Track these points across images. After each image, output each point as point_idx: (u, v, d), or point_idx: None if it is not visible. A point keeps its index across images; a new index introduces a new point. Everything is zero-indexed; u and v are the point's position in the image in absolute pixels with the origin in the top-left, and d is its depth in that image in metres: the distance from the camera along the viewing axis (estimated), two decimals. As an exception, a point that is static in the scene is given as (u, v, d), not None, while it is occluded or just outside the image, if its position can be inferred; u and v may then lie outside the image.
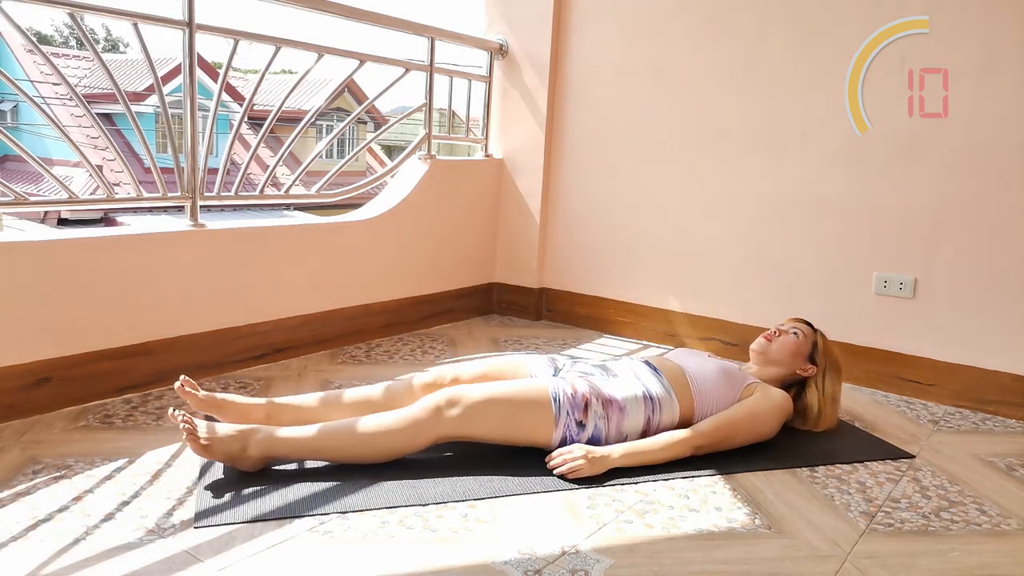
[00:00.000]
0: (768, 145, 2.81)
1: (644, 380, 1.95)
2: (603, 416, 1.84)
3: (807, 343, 2.14)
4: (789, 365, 2.13)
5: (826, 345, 2.16)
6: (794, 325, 2.18)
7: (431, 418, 1.73)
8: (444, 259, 3.23)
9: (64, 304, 2.02)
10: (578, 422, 1.81)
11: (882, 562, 1.49)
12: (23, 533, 1.41)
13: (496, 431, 1.79)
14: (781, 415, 2.01)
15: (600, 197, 3.25)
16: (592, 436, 1.84)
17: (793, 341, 2.13)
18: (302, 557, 1.39)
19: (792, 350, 2.12)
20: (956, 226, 2.49)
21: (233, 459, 1.65)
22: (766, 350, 2.14)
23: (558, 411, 1.80)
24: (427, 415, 1.73)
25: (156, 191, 2.24)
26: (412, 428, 1.72)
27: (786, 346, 2.12)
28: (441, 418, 1.73)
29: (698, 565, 1.44)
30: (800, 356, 2.13)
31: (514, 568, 1.39)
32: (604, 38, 3.15)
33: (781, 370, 2.13)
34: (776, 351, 2.13)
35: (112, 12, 2.03)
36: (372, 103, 3.11)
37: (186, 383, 1.79)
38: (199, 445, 1.62)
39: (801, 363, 2.13)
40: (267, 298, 2.53)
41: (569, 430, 1.81)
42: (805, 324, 2.20)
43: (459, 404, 1.74)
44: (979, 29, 2.40)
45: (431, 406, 1.74)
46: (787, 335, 2.14)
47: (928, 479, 1.91)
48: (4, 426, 1.90)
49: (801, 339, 2.14)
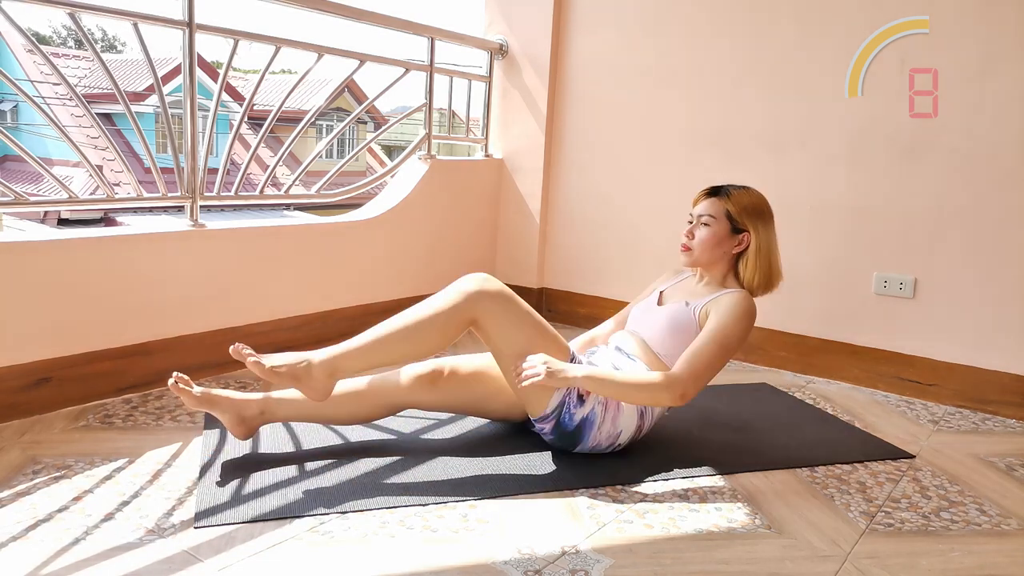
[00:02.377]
0: (768, 145, 2.81)
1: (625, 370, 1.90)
2: (602, 403, 1.81)
3: (722, 222, 1.93)
4: (721, 256, 1.95)
5: (740, 204, 1.94)
6: (701, 211, 1.96)
7: (475, 288, 1.77)
8: (444, 259, 3.23)
9: (64, 304, 2.02)
10: (580, 395, 1.80)
11: (882, 562, 1.49)
12: (23, 533, 1.41)
13: (517, 343, 1.78)
14: (746, 319, 1.85)
15: (600, 197, 3.25)
16: (587, 417, 1.80)
17: (708, 233, 1.93)
18: (302, 557, 1.39)
19: (712, 242, 1.93)
20: (956, 226, 2.49)
21: (299, 379, 1.69)
22: (692, 262, 1.97)
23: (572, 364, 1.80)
24: (472, 285, 1.77)
25: (156, 191, 2.24)
26: (453, 304, 1.76)
27: (704, 243, 1.93)
28: (483, 290, 1.77)
29: (698, 565, 1.44)
30: (724, 240, 1.93)
31: (514, 568, 1.39)
32: (604, 38, 3.15)
33: (720, 265, 1.96)
34: (700, 256, 1.95)
35: (112, 12, 2.03)
36: (372, 103, 3.11)
37: (180, 380, 1.72)
38: (265, 368, 1.67)
39: (729, 244, 1.94)
40: (267, 298, 2.53)
41: (570, 397, 1.79)
42: (710, 198, 1.97)
43: (500, 288, 1.79)
44: (979, 29, 2.40)
45: (475, 278, 1.79)
46: (699, 231, 1.95)
47: (928, 479, 1.91)
48: (4, 426, 1.90)
49: (714, 225, 1.93)
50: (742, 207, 1.93)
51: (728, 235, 1.94)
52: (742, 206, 1.93)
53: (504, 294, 1.79)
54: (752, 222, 1.94)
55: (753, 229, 1.94)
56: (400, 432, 1.98)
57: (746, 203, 1.94)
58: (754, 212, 1.94)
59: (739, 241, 1.94)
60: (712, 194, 1.98)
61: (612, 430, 1.84)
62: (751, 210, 1.94)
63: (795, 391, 2.59)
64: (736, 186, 1.99)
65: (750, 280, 1.95)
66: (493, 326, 1.78)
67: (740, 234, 1.94)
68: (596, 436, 1.84)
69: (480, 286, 1.77)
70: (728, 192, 1.96)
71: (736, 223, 1.93)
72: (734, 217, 1.93)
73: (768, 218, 1.96)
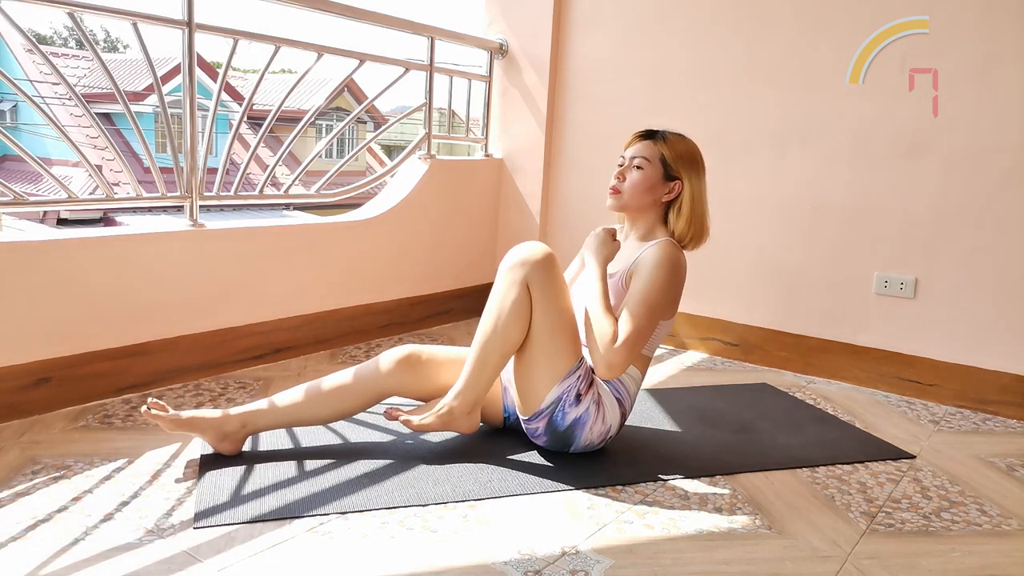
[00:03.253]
0: (769, 145, 2.81)
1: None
2: (596, 401, 1.79)
3: (655, 166, 1.85)
4: (648, 202, 1.86)
5: (675, 151, 1.85)
6: (634, 153, 1.87)
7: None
8: (444, 259, 3.23)
9: (64, 304, 2.02)
10: (578, 393, 1.76)
11: (883, 563, 1.49)
12: (22, 533, 1.41)
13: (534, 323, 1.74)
14: (672, 272, 1.77)
15: (600, 197, 3.19)
16: (579, 418, 1.77)
17: (640, 176, 1.84)
18: (302, 557, 1.39)
19: (643, 186, 1.84)
20: (957, 226, 2.49)
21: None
22: (620, 205, 1.88)
23: (579, 367, 1.76)
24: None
25: (155, 191, 2.24)
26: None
27: (635, 186, 1.85)
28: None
29: (698, 566, 1.44)
30: (656, 185, 1.85)
31: (514, 568, 1.39)
32: (604, 38, 3.15)
33: (648, 213, 1.88)
34: (629, 200, 1.86)
35: (112, 12, 2.03)
36: (372, 103, 3.11)
37: (153, 405, 1.70)
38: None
39: (661, 190, 1.85)
40: (267, 298, 2.53)
41: (568, 394, 1.75)
42: (645, 140, 1.89)
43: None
44: (979, 29, 2.40)
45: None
46: (631, 174, 1.86)
47: (929, 479, 1.91)
48: (3, 426, 1.90)
49: (647, 169, 1.84)
50: (678, 153, 1.85)
51: (661, 181, 1.85)
52: (678, 152, 1.85)
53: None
54: (686, 170, 1.85)
55: (687, 177, 1.85)
56: (400, 432, 1.97)
57: (681, 150, 1.86)
58: (689, 160, 1.86)
59: (670, 189, 1.86)
60: (647, 136, 1.89)
61: (602, 428, 1.82)
62: (686, 157, 1.86)
63: (795, 391, 2.59)
64: (672, 131, 1.91)
65: (683, 231, 1.86)
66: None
67: (672, 181, 1.86)
68: (588, 436, 1.81)
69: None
70: (665, 136, 1.88)
71: (670, 169, 1.85)
72: (668, 163, 1.85)
73: (701, 168, 1.88)
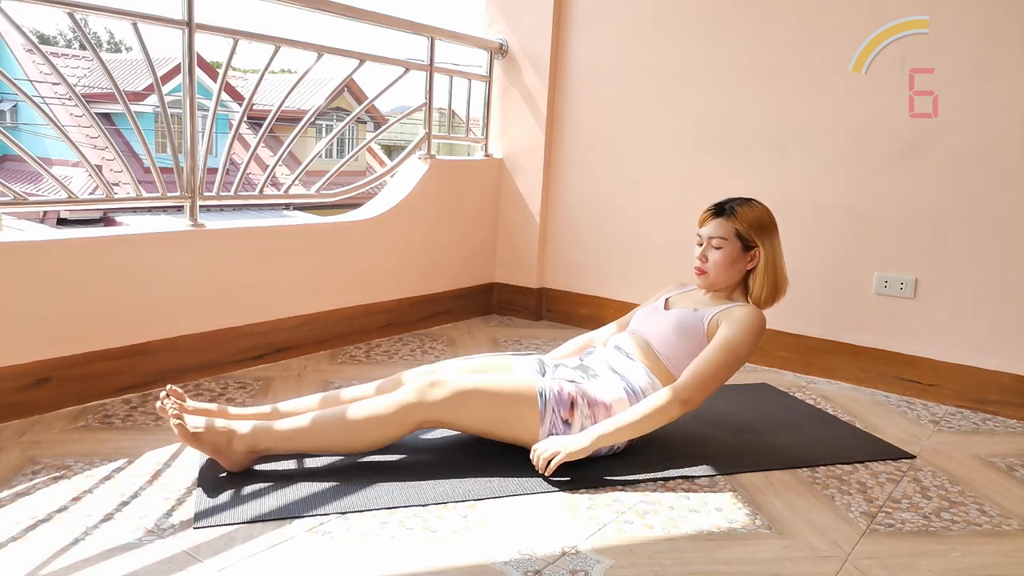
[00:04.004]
0: (768, 145, 2.81)
1: (624, 373, 1.90)
2: (590, 416, 1.81)
3: (734, 243, 1.94)
4: (735, 275, 1.96)
5: (747, 221, 1.94)
6: (711, 233, 1.95)
7: (414, 400, 1.72)
8: (444, 259, 3.23)
9: (64, 304, 2.02)
10: (564, 420, 1.79)
11: (883, 562, 1.49)
12: (22, 533, 1.41)
13: (480, 421, 1.78)
14: (756, 333, 1.87)
15: (600, 197, 3.24)
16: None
17: (722, 255, 1.93)
18: (302, 558, 1.39)
19: (727, 263, 1.94)
20: (957, 226, 2.49)
21: (219, 451, 1.65)
22: (708, 284, 1.97)
23: (544, 407, 1.78)
24: (410, 396, 1.73)
25: (155, 191, 2.24)
26: (395, 411, 1.72)
27: (719, 265, 1.94)
28: (424, 401, 1.73)
29: (698, 566, 1.44)
30: (737, 259, 1.95)
31: (514, 568, 1.39)
32: (604, 38, 3.15)
33: (732, 285, 1.98)
34: (716, 278, 1.95)
35: (112, 12, 2.03)
36: (372, 103, 3.11)
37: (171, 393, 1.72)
38: (187, 432, 1.62)
39: (743, 263, 1.96)
40: (267, 298, 2.53)
41: (555, 428, 1.79)
42: (717, 219, 1.96)
43: (444, 387, 1.74)
44: (979, 29, 2.40)
45: (414, 387, 1.74)
46: (711, 253, 1.95)
47: (929, 479, 1.91)
48: (4, 426, 1.90)
49: (726, 247, 1.93)
50: (749, 224, 1.94)
51: (740, 254, 1.95)
52: (749, 223, 1.94)
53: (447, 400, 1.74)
54: (760, 237, 1.95)
55: (762, 244, 1.95)
56: (400, 432, 1.97)
57: (752, 219, 1.95)
58: (761, 227, 1.96)
59: (751, 257, 1.96)
60: (718, 214, 1.98)
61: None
62: (758, 225, 1.95)
63: (796, 391, 2.59)
64: (738, 200, 1.99)
65: (758, 294, 1.97)
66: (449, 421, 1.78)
67: (751, 251, 1.96)
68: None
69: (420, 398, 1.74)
70: (734, 210, 1.96)
71: (746, 241, 1.95)
72: (744, 235, 1.94)
73: (773, 229, 1.98)
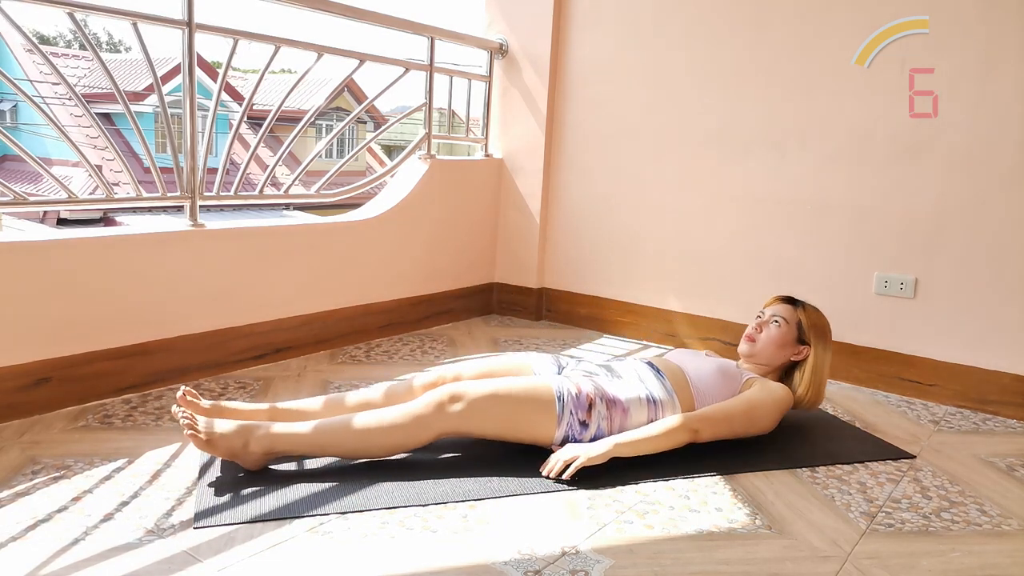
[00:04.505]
0: (768, 145, 2.81)
1: (647, 382, 1.93)
2: (606, 417, 1.83)
3: (791, 329, 2.07)
4: (780, 358, 2.07)
5: (811, 320, 2.08)
6: (774, 312, 2.09)
7: (433, 413, 1.72)
8: (444, 259, 3.23)
9: (64, 304, 2.02)
10: (581, 422, 1.81)
11: (883, 563, 1.49)
12: (22, 533, 1.41)
13: (499, 428, 1.79)
14: (780, 408, 1.97)
15: (600, 197, 3.24)
16: (595, 437, 1.83)
17: (777, 333, 2.06)
18: (302, 558, 1.39)
19: (778, 342, 2.05)
20: (957, 226, 2.49)
21: (235, 455, 1.65)
22: (752, 353, 2.08)
23: (561, 410, 1.79)
24: (430, 410, 1.72)
25: (155, 191, 2.24)
26: (414, 423, 1.72)
27: (771, 341, 2.06)
28: (443, 413, 1.72)
29: (698, 566, 1.44)
30: (788, 345, 2.06)
31: (514, 568, 1.39)
32: (604, 38, 3.15)
33: (774, 368, 2.09)
34: (762, 351, 2.07)
35: (112, 12, 2.03)
36: (372, 103, 3.11)
37: (188, 394, 1.75)
38: (200, 440, 1.62)
39: (791, 350, 2.07)
40: (267, 298, 2.53)
41: (572, 429, 1.80)
42: (786, 304, 2.12)
43: (462, 400, 1.74)
44: (979, 29, 2.40)
45: (434, 401, 1.73)
46: (768, 327, 2.07)
47: (929, 479, 1.91)
48: (3, 426, 1.90)
49: (784, 327, 2.06)
50: (812, 322, 2.08)
51: (793, 342, 2.07)
52: (812, 321, 2.08)
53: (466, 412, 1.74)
54: (816, 339, 2.07)
55: (816, 345, 2.07)
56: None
57: (815, 321, 2.09)
58: (820, 332, 2.08)
59: (799, 351, 2.07)
60: (789, 301, 2.14)
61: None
62: (818, 329, 2.08)
63: (795, 391, 2.59)
64: (811, 304, 2.14)
65: (802, 394, 2.07)
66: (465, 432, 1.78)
67: (803, 346, 2.07)
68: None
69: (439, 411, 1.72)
70: (804, 305, 2.12)
71: (803, 334, 2.07)
72: (803, 328, 2.07)
73: (829, 343, 2.09)
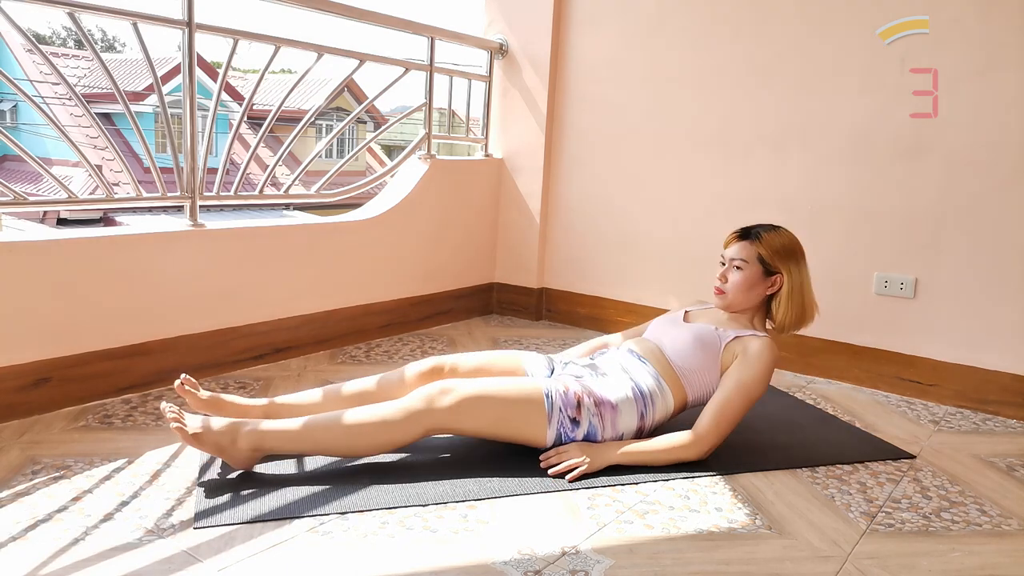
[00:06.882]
0: (768, 145, 2.81)
1: (633, 374, 1.91)
2: (596, 414, 1.82)
3: (755, 266, 1.94)
4: (753, 299, 1.96)
5: (772, 247, 1.95)
6: (732, 256, 1.97)
7: (423, 408, 1.71)
8: (444, 259, 3.23)
9: (64, 304, 2.02)
10: (572, 419, 1.80)
11: (883, 563, 1.49)
12: (22, 533, 1.41)
13: (488, 426, 1.78)
14: (769, 367, 1.88)
15: (600, 197, 3.24)
16: (587, 434, 1.83)
17: (741, 278, 1.94)
18: (302, 558, 1.39)
19: (745, 286, 1.94)
20: (957, 226, 2.49)
21: (223, 451, 1.65)
22: (726, 304, 1.98)
23: (551, 408, 1.79)
24: (419, 405, 1.72)
25: (155, 191, 2.24)
26: (404, 418, 1.71)
27: (738, 287, 1.95)
28: (433, 408, 1.72)
29: (698, 566, 1.44)
30: (757, 283, 1.95)
31: (514, 568, 1.39)
32: (604, 38, 3.15)
33: (750, 307, 1.98)
34: (734, 299, 1.96)
35: (112, 12, 2.03)
36: (372, 103, 3.11)
37: (186, 382, 1.79)
38: (187, 434, 1.61)
39: (763, 286, 1.96)
40: (267, 298, 2.53)
41: (563, 427, 1.80)
42: (741, 241, 1.98)
43: (451, 394, 1.73)
44: (979, 29, 2.40)
45: (423, 396, 1.73)
46: (732, 274, 1.96)
47: (929, 479, 1.91)
48: (3, 426, 1.90)
49: (746, 269, 1.94)
50: (773, 250, 1.95)
51: (761, 278, 1.95)
52: (773, 249, 1.95)
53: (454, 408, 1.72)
54: (784, 264, 1.95)
55: (786, 271, 1.95)
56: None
57: (777, 245, 1.96)
58: (785, 253, 1.96)
59: (772, 283, 1.96)
60: (743, 237, 1.99)
61: (614, 435, 1.86)
62: (782, 252, 1.95)
63: (795, 391, 2.59)
64: (766, 227, 2.00)
65: (782, 320, 1.96)
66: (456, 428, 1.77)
67: (772, 276, 1.96)
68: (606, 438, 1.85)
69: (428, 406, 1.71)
70: (759, 235, 1.97)
71: (768, 266, 1.95)
72: (766, 260, 1.94)
73: (800, 257, 1.98)
